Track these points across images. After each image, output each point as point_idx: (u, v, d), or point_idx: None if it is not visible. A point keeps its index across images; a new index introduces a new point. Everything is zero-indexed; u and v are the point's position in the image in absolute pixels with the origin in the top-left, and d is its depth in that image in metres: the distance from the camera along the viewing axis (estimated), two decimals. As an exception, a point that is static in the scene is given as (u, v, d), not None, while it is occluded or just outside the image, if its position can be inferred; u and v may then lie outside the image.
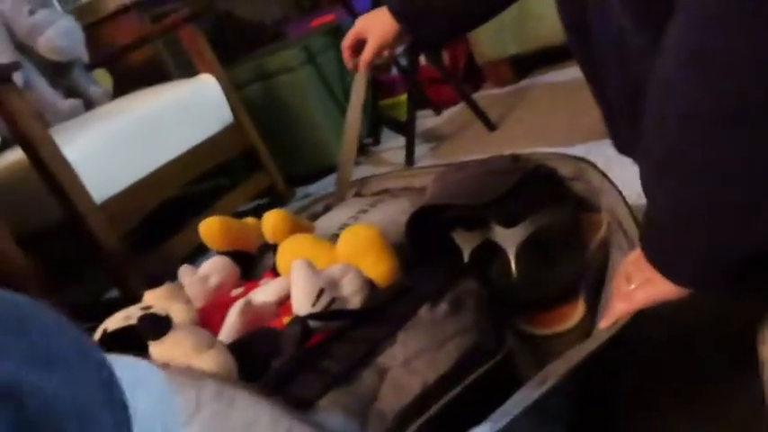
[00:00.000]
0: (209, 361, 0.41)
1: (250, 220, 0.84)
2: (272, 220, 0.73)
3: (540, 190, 0.70)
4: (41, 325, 0.28)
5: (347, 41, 0.88)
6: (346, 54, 0.89)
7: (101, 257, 1.16)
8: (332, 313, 0.45)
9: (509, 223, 0.65)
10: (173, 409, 0.32)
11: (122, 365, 0.31)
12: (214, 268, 0.75)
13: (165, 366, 0.39)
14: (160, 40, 1.66)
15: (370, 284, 0.50)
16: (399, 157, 1.56)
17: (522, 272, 0.63)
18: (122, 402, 0.29)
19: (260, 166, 1.53)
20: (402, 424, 0.38)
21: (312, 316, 0.45)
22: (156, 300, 0.65)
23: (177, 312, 0.64)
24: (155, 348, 0.43)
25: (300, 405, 0.38)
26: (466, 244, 0.71)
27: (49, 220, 1.20)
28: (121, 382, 0.29)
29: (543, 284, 0.63)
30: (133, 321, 0.63)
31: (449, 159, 1.45)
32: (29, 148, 1.11)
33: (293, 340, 0.43)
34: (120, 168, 1.25)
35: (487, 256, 0.69)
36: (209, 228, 0.78)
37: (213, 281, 0.74)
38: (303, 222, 0.78)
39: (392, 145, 1.70)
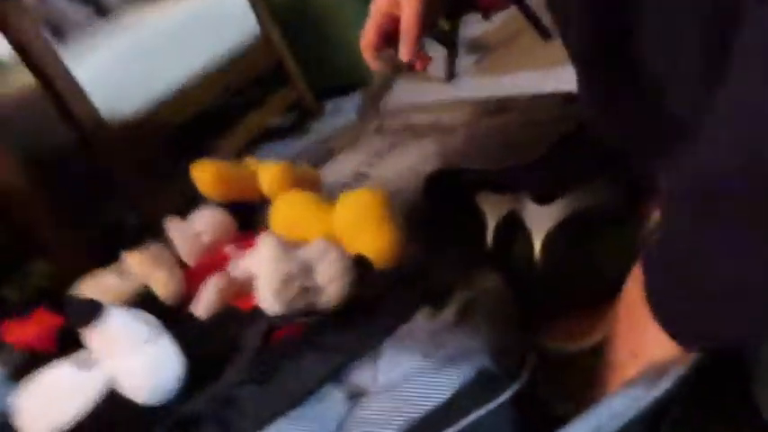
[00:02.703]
0: (144, 358, 0.37)
1: (251, 162, 0.77)
2: (269, 175, 0.66)
3: (590, 153, 0.59)
4: None
5: (372, 32, 0.59)
6: (369, 45, 0.60)
7: (115, 183, 1.15)
8: (297, 314, 0.39)
9: (541, 199, 0.55)
10: None
11: None
12: (207, 224, 0.70)
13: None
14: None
15: (355, 269, 0.44)
16: (441, 69, 1.42)
17: (548, 264, 0.53)
18: None
19: (288, 79, 1.45)
20: None
21: (273, 319, 0.39)
22: (137, 265, 0.62)
23: (158, 282, 0.61)
24: (87, 335, 0.39)
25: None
26: (492, 211, 0.62)
27: (66, 146, 1.18)
28: None
29: (573, 283, 0.53)
30: (104, 292, 0.60)
31: (494, 74, 1.34)
32: (35, 68, 1.07)
33: (248, 354, 0.37)
34: (134, 87, 1.20)
35: (513, 230, 0.60)
36: (203, 175, 0.72)
37: (206, 238, 0.69)
38: (307, 173, 0.71)
39: (434, 54, 1.55)
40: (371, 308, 0.41)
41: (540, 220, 0.56)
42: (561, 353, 0.50)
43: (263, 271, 0.43)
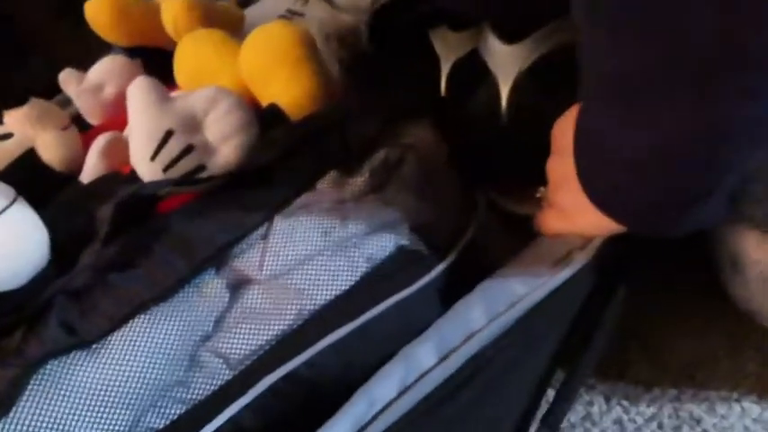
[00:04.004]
0: None
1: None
2: (172, 10, 0.54)
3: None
4: None
5: None
6: None
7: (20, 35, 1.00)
8: (180, 180, 0.31)
9: (507, 36, 0.45)
10: None
11: None
12: (109, 73, 0.60)
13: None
14: None
15: (257, 124, 0.35)
16: None
17: (515, 114, 0.45)
18: None
19: None
20: (255, 373, 0.26)
21: (143, 187, 0.31)
22: (19, 124, 0.52)
23: (46, 144, 0.52)
24: None
25: (84, 343, 0.26)
26: (448, 50, 0.52)
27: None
28: None
29: (545, 138, 0.46)
30: None
31: None
32: None
33: (101, 232, 0.30)
34: None
35: (475, 73, 0.50)
36: (98, 10, 0.59)
37: (109, 91, 0.60)
38: (224, 10, 0.59)
39: None
40: (268, 173, 0.32)
41: (508, 63, 0.47)
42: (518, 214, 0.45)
43: (133, 125, 0.34)
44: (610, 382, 0.46)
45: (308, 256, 0.29)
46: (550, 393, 0.38)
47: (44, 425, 0.25)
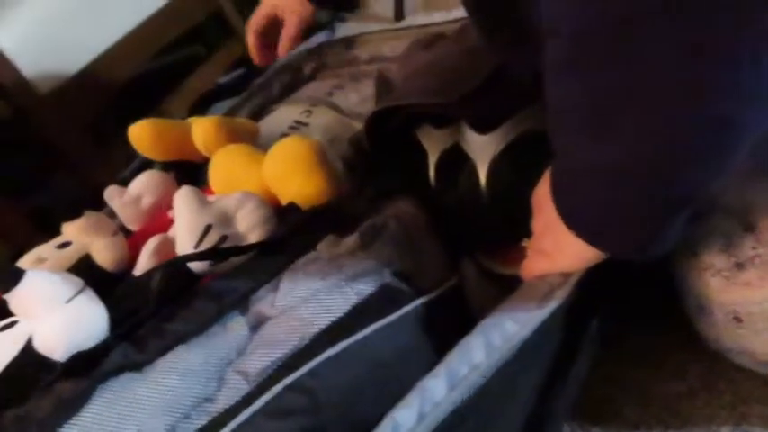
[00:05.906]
0: (59, 319, 0.43)
1: (193, 120, 0.82)
2: (201, 131, 0.71)
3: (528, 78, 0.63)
4: None
5: (255, 25, 0.91)
6: (253, 43, 0.92)
7: (57, 155, 1.19)
8: (204, 254, 0.45)
9: (481, 128, 0.60)
10: None
11: None
12: (146, 186, 0.75)
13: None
14: None
15: (275, 216, 0.50)
16: (389, 8, 1.45)
17: (494, 193, 0.58)
18: None
19: (230, 31, 1.49)
20: (267, 384, 0.37)
21: (184, 258, 0.46)
22: (75, 234, 0.67)
23: (99, 249, 0.66)
24: (9, 300, 0.44)
25: (135, 367, 0.39)
26: (434, 145, 0.67)
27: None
28: None
29: (522, 209, 0.57)
30: (46, 261, 0.66)
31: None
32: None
33: (154, 289, 0.44)
34: (65, 52, 1.24)
35: (457, 163, 0.65)
36: (140, 134, 0.77)
37: (147, 201, 0.75)
38: (243, 126, 0.76)
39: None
40: (280, 243, 0.47)
41: (483, 150, 0.60)
42: (501, 275, 0.56)
43: (179, 223, 0.49)
44: (604, 425, 0.54)
45: (311, 294, 0.41)
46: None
47: (99, 427, 0.36)
